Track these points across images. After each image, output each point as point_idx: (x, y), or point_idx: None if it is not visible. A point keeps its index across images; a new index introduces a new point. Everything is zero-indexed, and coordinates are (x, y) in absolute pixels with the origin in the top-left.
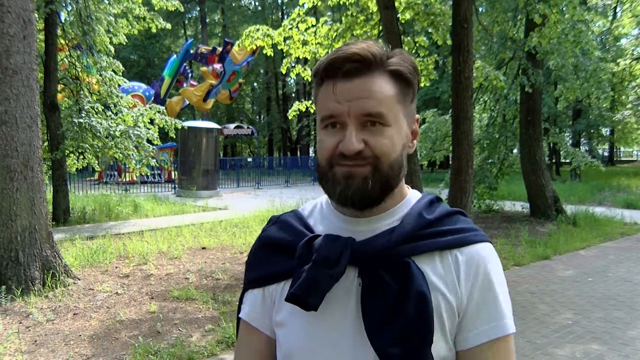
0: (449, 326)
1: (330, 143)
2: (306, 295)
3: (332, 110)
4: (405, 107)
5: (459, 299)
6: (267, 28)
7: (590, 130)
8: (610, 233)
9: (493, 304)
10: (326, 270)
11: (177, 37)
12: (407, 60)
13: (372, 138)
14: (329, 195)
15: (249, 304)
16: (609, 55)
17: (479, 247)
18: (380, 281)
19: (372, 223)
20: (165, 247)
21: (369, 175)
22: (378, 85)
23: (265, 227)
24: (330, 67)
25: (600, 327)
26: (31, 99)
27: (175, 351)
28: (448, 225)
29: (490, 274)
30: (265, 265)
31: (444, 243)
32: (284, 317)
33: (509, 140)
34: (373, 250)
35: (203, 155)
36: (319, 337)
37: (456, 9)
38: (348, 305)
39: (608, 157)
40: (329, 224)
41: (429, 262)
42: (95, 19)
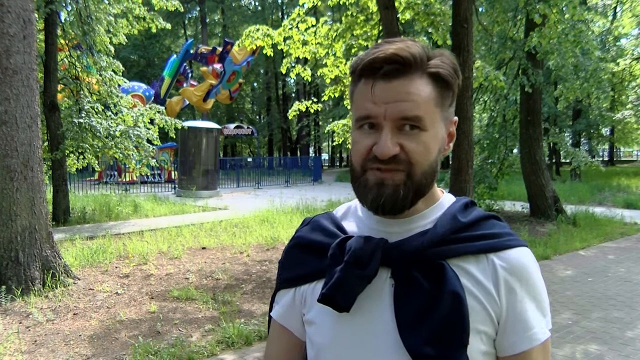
0: (485, 329)
1: (364, 145)
2: (337, 296)
3: (368, 110)
4: (444, 111)
5: (496, 305)
6: (267, 28)
7: (590, 130)
8: (610, 233)
9: (532, 312)
10: (357, 271)
11: (177, 37)
12: (447, 61)
13: (407, 142)
14: (360, 201)
15: (280, 304)
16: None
17: (517, 252)
18: (413, 281)
19: (405, 225)
20: (165, 247)
21: (401, 184)
22: (416, 87)
23: (299, 228)
24: (368, 67)
25: (600, 327)
26: (31, 99)
27: (175, 351)
28: (483, 230)
29: (530, 281)
30: (298, 265)
31: (479, 246)
32: (314, 315)
33: (509, 140)
34: (406, 252)
35: (203, 155)
36: (349, 336)
37: (456, 9)
38: (380, 305)
39: (608, 157)
40: (362, 226)
41: (464, 265)
42: (95, 19)
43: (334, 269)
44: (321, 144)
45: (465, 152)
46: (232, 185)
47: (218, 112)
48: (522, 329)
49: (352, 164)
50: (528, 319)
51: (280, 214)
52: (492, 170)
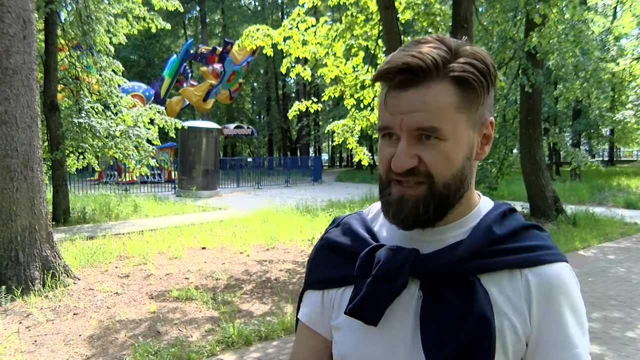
0: (512, 351)
1: (386, 155)
2: (364, 312)
3: (386, 122)
4: (471, 115)
5: (527, 325)
6: (267, 28)
7: (590, 130)
8: (610, 233)
9: (566, 333)
10: (386, 285)
11: (177, 37)
12: (474, 61)
13: (426, 153)
14: (384, 215)
15: (309, 306)
16: (609, 55)
17: (553, 268)
18: (441, 298)
19: (439, 234)
20: (165, 247)
21: (421, 199)
22: (433, 96)
23: (329, 227)
24: (383, 76)
25: (600, 327)
26: (31, 99)
27: (175, 351)
28: (521, 242)
29: (565, 300)
30: (326, 268)
31: (514, 261)
32: (341, 322)
33: (509, 140)
34: (437, 266)
35: (203, 155)
36: (373, 347)
37: (456, 9)
38: (407, 318)
39: (608, 157)
40: (393, 231)
41: (497, 282)
42: (95, 19)
43: (361, 280)
44: (321, 144)
45: None
46: (232, 185)
47: (218, 112)
48: (560, 349)
49: (380, 174)
50: (567, 338)
51: (281, 214)
52: (492, 170)
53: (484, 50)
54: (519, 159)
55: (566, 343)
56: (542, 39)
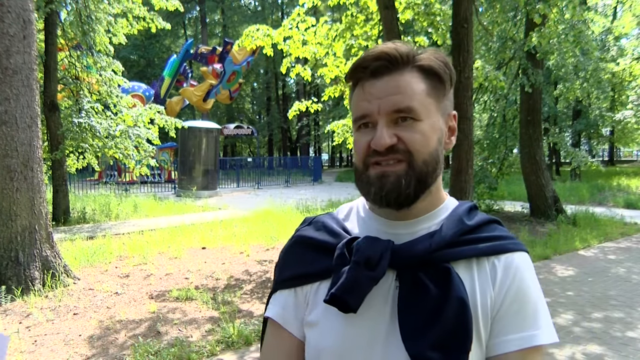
0: (484, 334)
1: (363, 142)
2: (347, 296)
3: (363, 110)
4: (439, 102)
5: (492, 305)
6: (267, 28)
7: (590, 130)
8: (610, 233)
9: (525, 314)
10: (367, 271)
11: (177, 37)
12: (438, 56)
13: (404, 133)
14: (364, 196)
15: (281, 304)
16: (609, 55)
17: (516, 255)
18: (419, 285)
19: (411, 226)
20: (165, 247)
21: (403, 174)
22: (407, 81)
23: (300, 227)
24: (358, 68)
25: (600, 327)
26: (31, 99)
27: (175, 351)
28: (487, 233)
29: (526, 283)
30: (300, 264)
31: (482, 249)
32: (316, 317)
33: (509, 140)
34: (414, 254)
35: (203, 155)
36: (351, 338)
37: (456, 8)
38: (384, 307)
39: (608, 157)
40: (367, 227)
41: (467, 269)
42: (95, 19)
43: (341, 269)
44: (321, 144)
45: (465, 152)
46: (232, 185)
47: (218, 112)
48: (516, 330)
49: (355, 165)
50: (521, 321)
51: (281, 213)
52: (492, 170)
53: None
54: (519, 159)
55: (526, 323)
56: (542, 39)
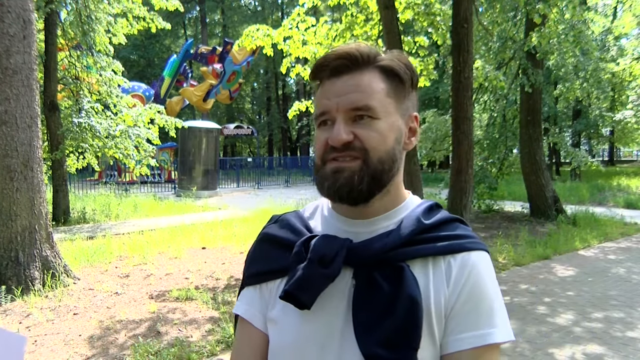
0: (438, 332)
1: (322, 139)
2: (300, 293)
3: (323, 107)
4: (399, 103)
5: (446, 304)
6: (267, 28)
7: (590, 130)
8: (610, 233)
9: (480, 312)
10: (321, 269)
11: (177, 37)
12: (399, 58)
13: (361, 130)
14: (319, 191)
15: (246, 301)
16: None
17: (473, 254)
18: (373, 284)
19: (370, 225)
20: (165, 247)
21: (357, 170)
22: (366, 79)
23: (266, 225)
24: (320, 68)
25: (600, 327)
26: (31, 99)
27: (175, 351)
28: (445, 232)
29: (482, 282)
30: (264, 262)
31: (439, 248)
32: (276, 314)
33: (509, 140)
34: (369, 253)
35: (203, 155)
36: (308, 335)
37: (456, 8)
38: (340, 305)
39: (608, 157)
40: (328, 225)
41: (423, 267)
42: (95, 19)
43: (297, 266)
44: None
45: (465, 152)
46: (232, 185)
47: (218, 112)
48: (470, 328)
49: (315, 161)
50: (475, 320)
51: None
52: (492, 170)
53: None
54: (519, 159)
55: (481, 321)
56: (542, 39)
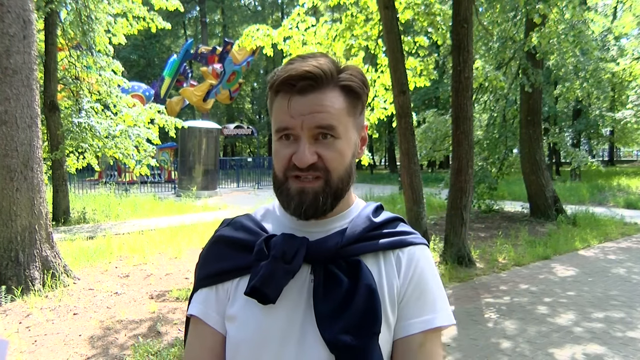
0: (392, 319)
1: (285, 154)
2: (265, 288)
3: (286, 123)
4: (355, 119)
5: (398, 292)
6: (267, 28)
7: (590, 130)
8: (610, 233)
9: (425, 300)
10: (284, 265)
11: (177, 37)
12: (356, 74)
13: (324, 151)
14: (284, 209)
15: (202, 302)
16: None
17: (417, 248)
18: (332, 277)
19: (325, 225)
20: (165, 247)
21: (320, 191)
22: (329, 100)
23: (219, 228)
24: (284, 83)
25: (600, 327)
26: (31, 99)
27: (175, 351)
28: (391, 229)
29: (425, 271)
30: (219, 263)
31: (388, 243)
32: (236, 310)
33: (509, 140)
34: (326, 249)
35: (203, 155)
36: (269, 328)
37: (456, 8)
38: (299, 299)
39: (608, 157)
40: (282, 226)
41: (374, 261)
42: (95, 19)
43: (259, 263)
44: None
45: (465, 152)
46: (232, 185)
47: (218, 112)
48: (418, 314)
49: (274, 172)
50: (422, 306)
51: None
52: (492, 170)
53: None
54: (519, 159)
55: (427, 308)
56: (542, 39)
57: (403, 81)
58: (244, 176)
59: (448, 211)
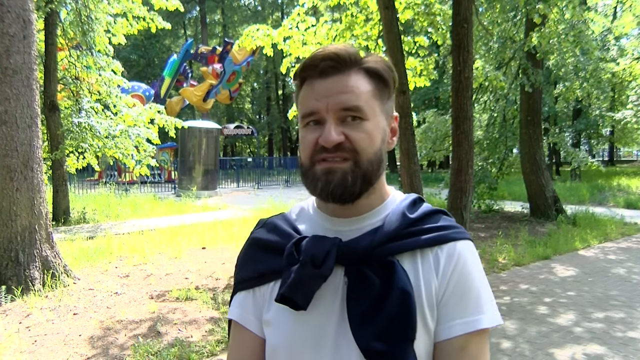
0: (432, 322)
1: (311, 139)
2: (295, 295)
3: (311, 107)
4: (383, 104)
5: (436, 293)
6: (267, 28)
7: (590, 130)
8: (610, 233)
9: (468, 299)
10: (313, 270)
11: (177, 37)
12: (382, 60)
13: (351, 132)
14: (310, 192)
15: (240, 305)
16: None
17: (459, 244)
18: (365, 279)
19: (357, 223)
20: (165, 247)
21: (349, 171)
22: (354, 81)
23: (254, 229)
24: (308, 67)
25: (600, 327)
26: (31, 99)
27: (175, 351)
28: (430, 224)
29: (468, 269)
30: (255, 266)
31: (425, 241)
32: (272, 316)
33: (509, 140)
34: (358, 250)
35: (203, 155)
36: (303, 334)
37: (456, 8)
38: (334, 303)
39: (608, 157)
40: (315, 226)
41: (411, 260)
42: (95, 19)
43: (290, 269)
44: None
45: (465, 152)
46: (232, 185)
47: (218, 112)
48: (459, 315)
49: (301, 161)
50: (464, 306)
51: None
52: (492, 170)
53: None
54: (519, 159)
55: (470, 308)
56: (542, 39)
57: (403, 81)
58: (244, 176)
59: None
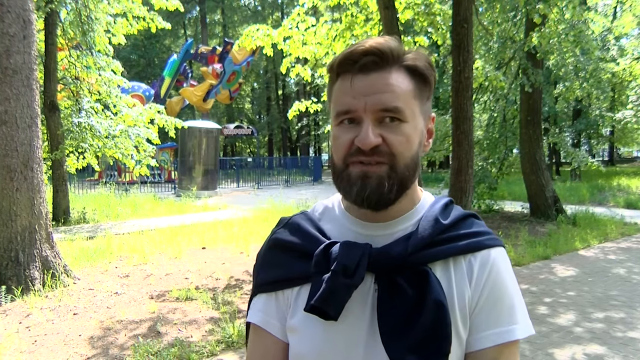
0: (464, 333)
1: (346, 139)
2: (326, 307)
3: (348, 105)
4: (422, 104)
5: (470, 303)
6: (267, 28)
7: (590, 130)
8: (610, 233)
9: (502, 309)
10: (345, 279)
11: (177, 37)
12: (423, 56)
13: (389, 134)
14: (344, 196)
15: (261, 308)
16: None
17: (492, 251)
18: (397, 289)
19: (388, 228)
20: (165, 247)
21: (385, 176)
22: (395, 79)
23: (275, 229)
24: (346, 61)
25: (600, 327)
26: (31, 99)
27: (175, 351)
28: (463, 230)
29: (501, 279)
30: (278, 268)
31: (459, 248)
32: (297, 322)
33: (509, 140)
34: (391, 258)
35: (203, 155)
36: (331, 343)
37: (456, 8)
38: (364, 312)
39: (608, 157)
40: (343, 229)
41: (444, 268)
42: (95, 19)
43: (319, 277)
44: (321, 144)
45: (465, 152)
46: (232, 185)
47: (218, 112)
48: (493, 325)
49: (333, 161)
50: (497, 317)
51: (281, 213)
52: (492, 170)
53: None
54: (519, 159)
55: (502, 318)
56: (542, 39)
57: None
58: (244, 176)
59: None
